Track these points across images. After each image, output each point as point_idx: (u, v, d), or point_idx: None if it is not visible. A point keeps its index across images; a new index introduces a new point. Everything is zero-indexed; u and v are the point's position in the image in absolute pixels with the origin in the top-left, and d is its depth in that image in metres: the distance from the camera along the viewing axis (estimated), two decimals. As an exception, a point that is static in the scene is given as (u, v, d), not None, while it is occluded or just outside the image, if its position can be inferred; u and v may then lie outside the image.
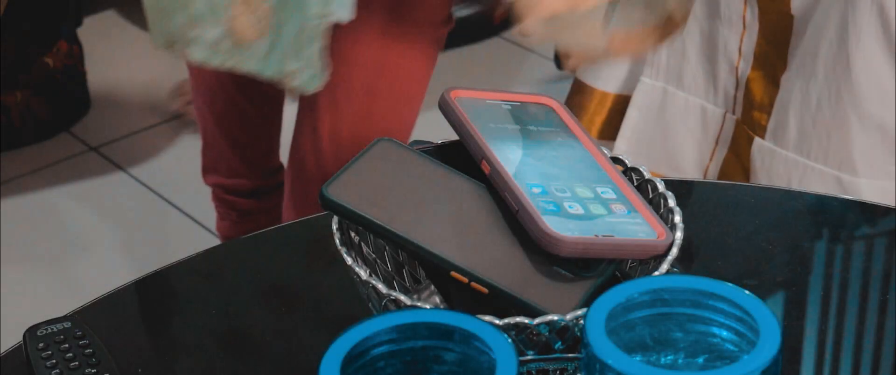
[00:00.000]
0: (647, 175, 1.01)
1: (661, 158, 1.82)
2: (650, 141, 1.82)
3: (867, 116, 1.62)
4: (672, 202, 0.98)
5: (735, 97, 1.74)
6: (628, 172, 1.02)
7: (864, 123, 1.62)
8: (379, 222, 0.94)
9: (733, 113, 1.75)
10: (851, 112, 1.62)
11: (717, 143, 1.78)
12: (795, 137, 1.67)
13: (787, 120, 1.68)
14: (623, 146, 1.84)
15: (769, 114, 1.70)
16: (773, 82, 1.69)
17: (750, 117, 1.72)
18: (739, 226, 1.16)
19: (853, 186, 1.64)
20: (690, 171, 1.81)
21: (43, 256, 2.37)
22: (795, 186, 1.66)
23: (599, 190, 0.97)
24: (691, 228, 0.98)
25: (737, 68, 1.72)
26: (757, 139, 1.71)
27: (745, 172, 1.74)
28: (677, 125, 1.81)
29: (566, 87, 1.97)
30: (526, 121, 1.02)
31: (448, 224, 0.95)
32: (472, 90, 1.03)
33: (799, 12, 1.65)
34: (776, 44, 1.68)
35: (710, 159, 1.80)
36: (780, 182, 1.67)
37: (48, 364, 0.97)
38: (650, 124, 1.82)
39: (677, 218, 0.96)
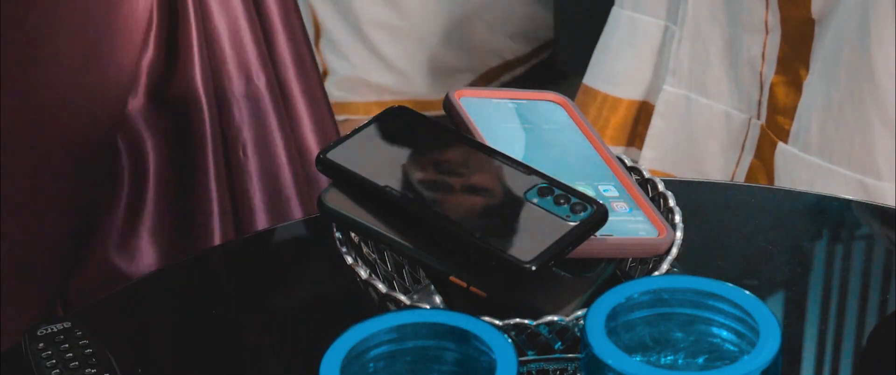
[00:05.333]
0: (646, 174, 1.01)
1: (688, 165, 1.82)
2: (676, 149, 1.82)
3: (890, 118, 1.61)
4: (672, 202, 0.98)
5: (759, 102, 1.74)
6: (627, 171, 1.02)
7: (887, 125, 1.61)
8: (376, 230, 0.94)
9: (758, 118, 1.75)
10: (874, 115, 1.61)
11: (742, 149, 1.78)
12: (818, 142, 1.66)
13: (809, 124, 1.67)
14: (650, 154, 1.83)
15: (792, 118, 1.69)
16: (796, 87, 1.69)
17: (774, 122, 1.72)
18: (739, 226, 1.16)
19: (878, 189, 1.63)
20: (717, 178, 1.80)
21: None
22: (819, 191, 1.65)
23: (601, 188, 0.97)
24: (691, 228, 0.98)
25: (761, 73, 1.72)
26: (780, 144, 1.70)
27: (770, 177, 1.73)
28: (702, 133, 1.80)
29: (564, 86, 1.97)
30: (531, 119, 1.02)
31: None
32: (477, 90, 1.03)
33: (819, 16, 1.64)
34: (798, 48, 1.68)
35: (736, 166, 1.79)
36: (803, 187, 1.67)
37: (48, 364, 0.97)
38: (675, 133, 1.81)
39: (677, 218, 0.96)
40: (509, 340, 0.81)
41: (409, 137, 0.98)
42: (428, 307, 0.90)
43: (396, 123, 0.98)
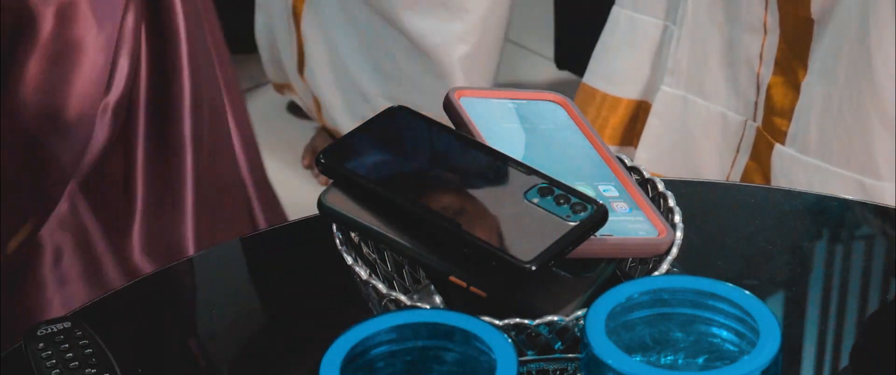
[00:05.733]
0: (646, 174, 1.01)
1: (682, 166, 1.82)
2: (671, 150, 1.82)
3: (890, 118, 1.61)
4: (672, 202, 0.98)
5: (756, 104, 1.73)
6: (627, 171, 1.02)
7: (886, 125, 1.61)
8: (376, 230, 0.94)
9: (754, 120, 1.74)
10: (873, 115, 1.61)
11: (738, 150, 1.78)
12: (816, 142, 1.66)
13: (807, 125, 1.67)
14: (644, 154, 1.83)
15: (790, 120, 1.69)
16: (794, 87, 1.69)
17: (770, 124, 1.71)
18: (739, 226, 1.16)
19: (877, 189, 1.63)
20: (712, 179, 1.80)
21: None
22: (817, 191, 1.65)
23: (601, 188, 0.97)
24: (691, 228, 0.98)
25: (758, 74, 1.72)
26: (777, 145, 1.70)
27: (766, 179, 1.73)
28: (698, 134, 1.80)
29: (564, 87, 1.97)
30: (531, 119, 1.02)
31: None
32: (477, 90, 1.03)
33: (819, 16, 1.64)
34: (797, 48, 1.68)
35: (731, 167, 1.79)
36: (800, 188, 1.66)
37: (48, 364, 0.97)
38: (671, 133, 1.81)
39: (677, 218, 0.96)
40: (509, 340, 0.81)
41: (409, 137, 0.98)
42: (428, 307, 0.90)
43: (396, 123, 0.98)
